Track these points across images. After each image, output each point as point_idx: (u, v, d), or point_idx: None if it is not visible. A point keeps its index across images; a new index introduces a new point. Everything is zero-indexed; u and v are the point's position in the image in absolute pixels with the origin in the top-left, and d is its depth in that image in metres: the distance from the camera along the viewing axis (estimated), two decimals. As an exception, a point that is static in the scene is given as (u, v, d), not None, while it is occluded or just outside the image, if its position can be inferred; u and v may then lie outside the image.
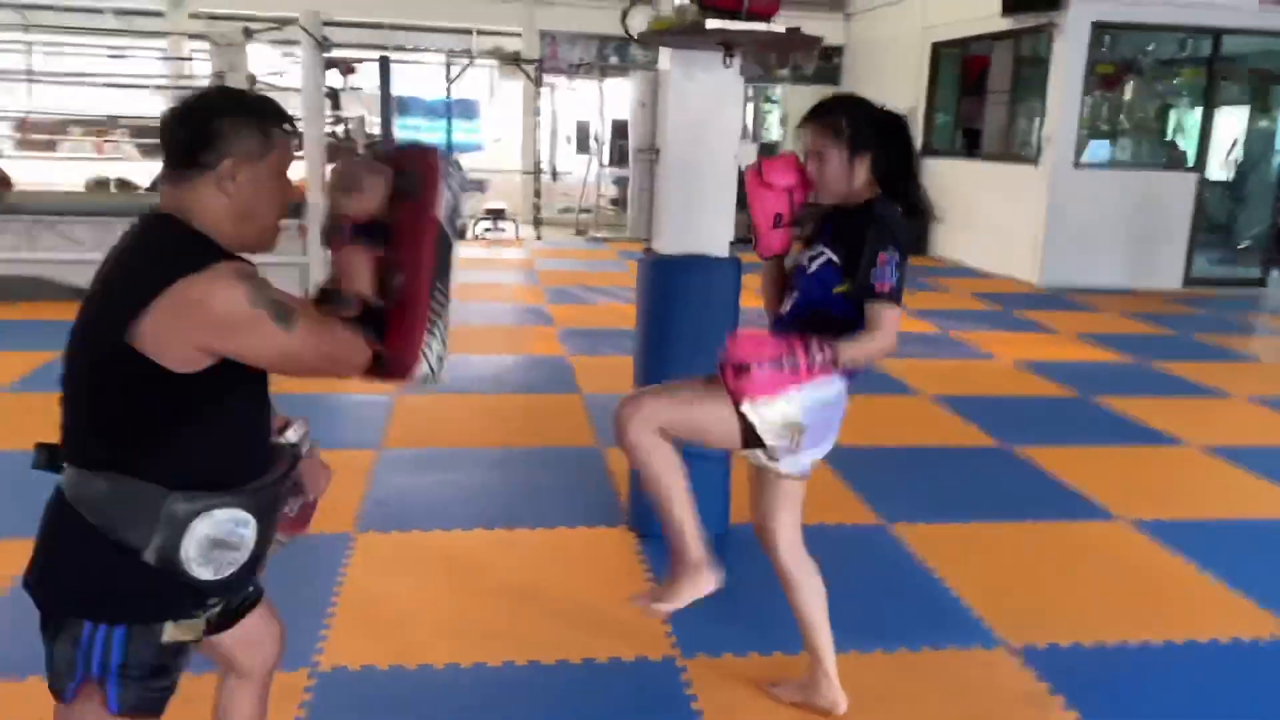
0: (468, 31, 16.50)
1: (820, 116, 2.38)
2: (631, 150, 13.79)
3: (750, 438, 2.32)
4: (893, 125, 2.38)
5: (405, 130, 16.69)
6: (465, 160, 10.52)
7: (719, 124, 3.56)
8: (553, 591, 3.40)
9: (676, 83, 3.51)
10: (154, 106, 13.42)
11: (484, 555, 3.67)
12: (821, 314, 2.35)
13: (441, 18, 15.61)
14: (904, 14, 13.67)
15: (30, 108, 14.93)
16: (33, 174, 9.81)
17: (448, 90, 13.36)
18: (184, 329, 1.54)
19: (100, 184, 8.09)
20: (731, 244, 3.77)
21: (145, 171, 8.98)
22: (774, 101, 21.65)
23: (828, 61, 16.73)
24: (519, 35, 15.56)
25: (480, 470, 4.49)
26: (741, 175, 2.45)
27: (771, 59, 3.58)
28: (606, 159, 14.96)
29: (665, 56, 3.58)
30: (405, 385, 1.74)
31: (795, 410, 2.31)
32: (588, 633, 3.12)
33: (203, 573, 1.63)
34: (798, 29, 2.99)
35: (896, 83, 13.81)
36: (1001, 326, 8.30)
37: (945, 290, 10.07)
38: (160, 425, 1.61)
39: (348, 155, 1.64)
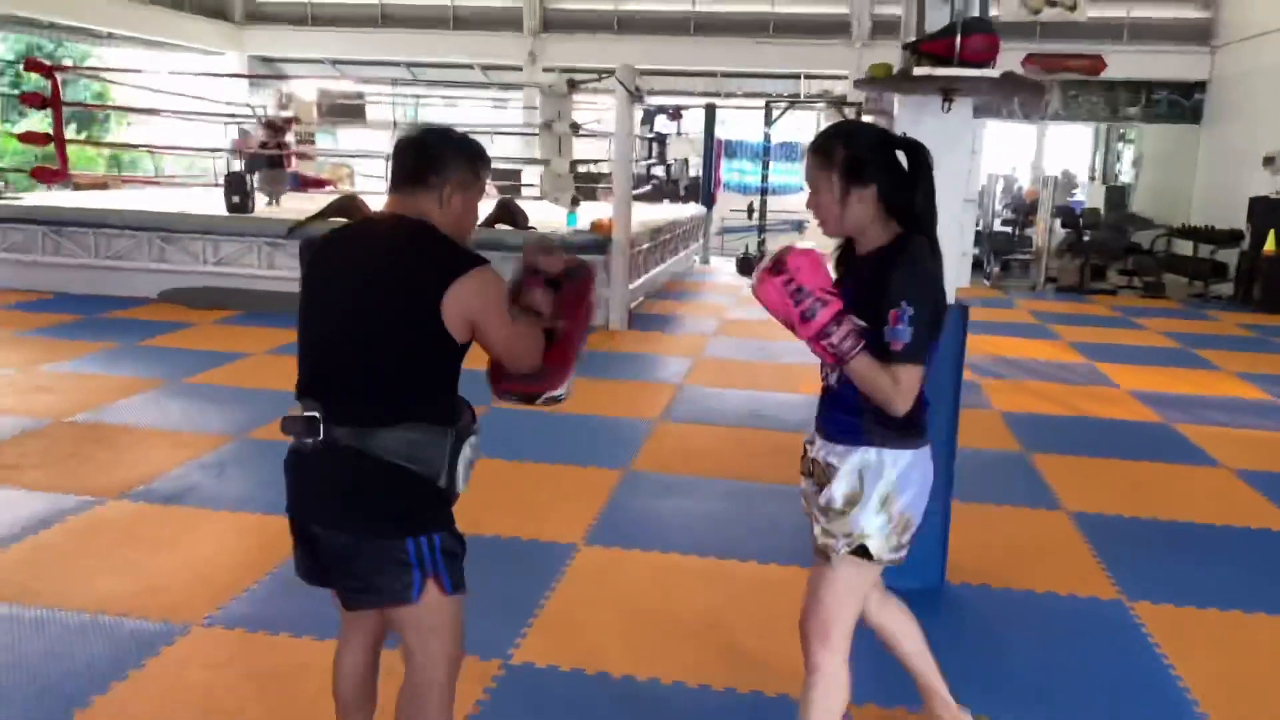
0: (797, 76, 16.87)
1: (815, 145, 2.16)
2: None
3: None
4: (899, 151, 2.14)
5: (730, 172, 17.31)
6: (785, 201, 11.00)
7: (946, 168, 3.50)
8: (742, 623, 3.48)
9: (904, 126, 3.50)
10: (508, 150, 14.97)
11: (690, 580, 3.81)
12: None
13: (771, 64, 16.09)
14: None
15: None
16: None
17: (765, 134, 13.71)
18: (467, 306, 2.03)
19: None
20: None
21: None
22: (1129, 141, 20.07)
23: (1188, 98, 15.33)
24: (846, 78, 15.68)
25: (712, 500, 4.65)
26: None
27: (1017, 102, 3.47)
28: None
29: (897, 101, 3.59)
30: (541, 396, 2.30)
31: (916, 517, 2.23)
32: (764, 667, 3.17)
33: (462, 487, 2.16)
34: (1013, 74, 2.91)
35: (1269, 120, 12.39)
36: (1356, 399, 7.21)
37: (1294, 353, 8.89)
38: (444, 380, 2.12)
39: (540, 238, 2.23)
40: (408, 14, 16.66)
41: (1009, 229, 16.00)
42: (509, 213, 9.03)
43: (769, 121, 13.86)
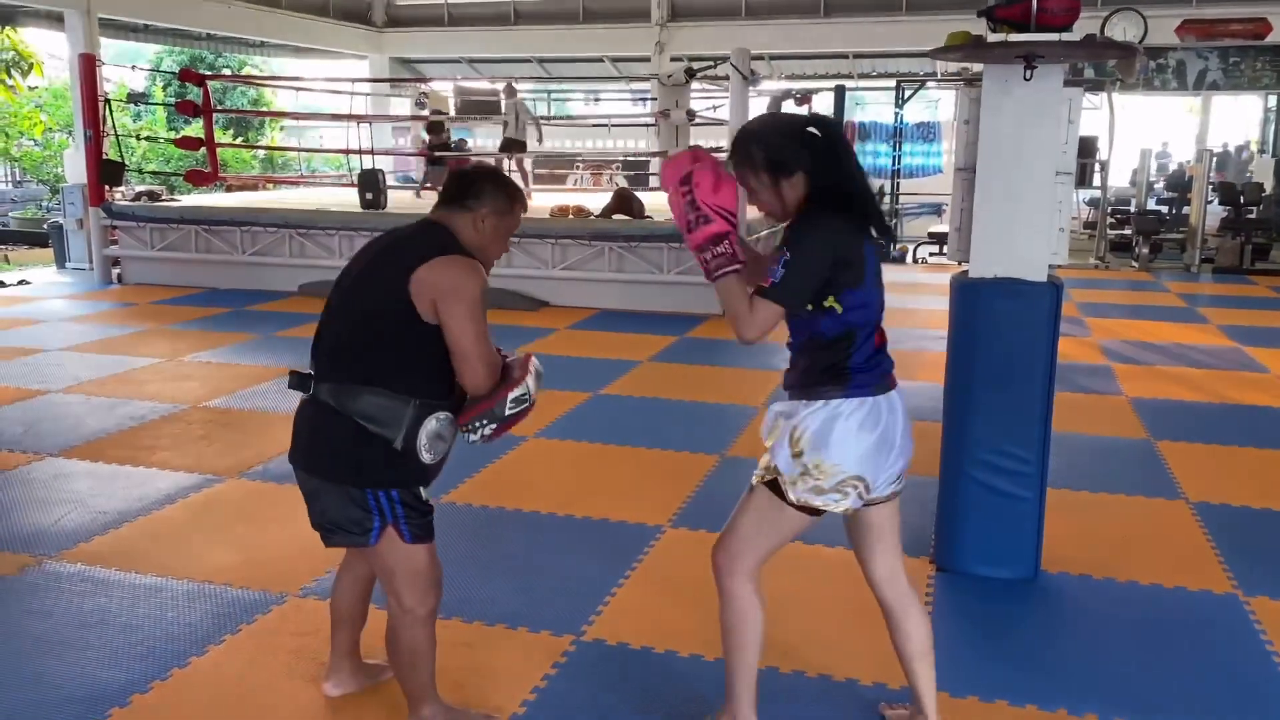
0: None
1: (734, 155, 2.30)
2: (954, 168, 12.76)
3: (816, 512, 2.35)
4: (815, 134, 2.25)
5: (863, 156, 16.93)
6: (922, 183, 11.03)
7: (1035, 139, 3.36)
8: (818, 607, 3.43)
9: (990, 97, 3.37)
10: (640, 143, 15.10)
11: (774, 563, 3.73)
12: (807, 337, 2.30)
13: (904, 43, 15.64)
14: None
15: (547, 149, 17.47)
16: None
17: (897, 114, 13.36)
18: (433, 285, 2.23)
19: (561, 211, 9.34)
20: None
21: (598, 200, 10.15)
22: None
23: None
24: (984, 55, 15.09)
25: (807, 485, 4.58)
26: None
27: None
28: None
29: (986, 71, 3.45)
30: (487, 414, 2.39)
31: (841, 465, 2.27)
32: (835, 651, 3.12)
33: (426, 457, 2.33)
34: (1093, 37, 2.75)
35: None
36: None
37: None
38: (414, 356, 2.30)
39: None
40: (539, 10, 16.98)
41: (1165, 208, 15.10)
42: (625, 201, 9.11)
43: (900, 101, 13.51)
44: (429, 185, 11.66)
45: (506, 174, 2.50)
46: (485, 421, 2.36)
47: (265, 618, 3.29)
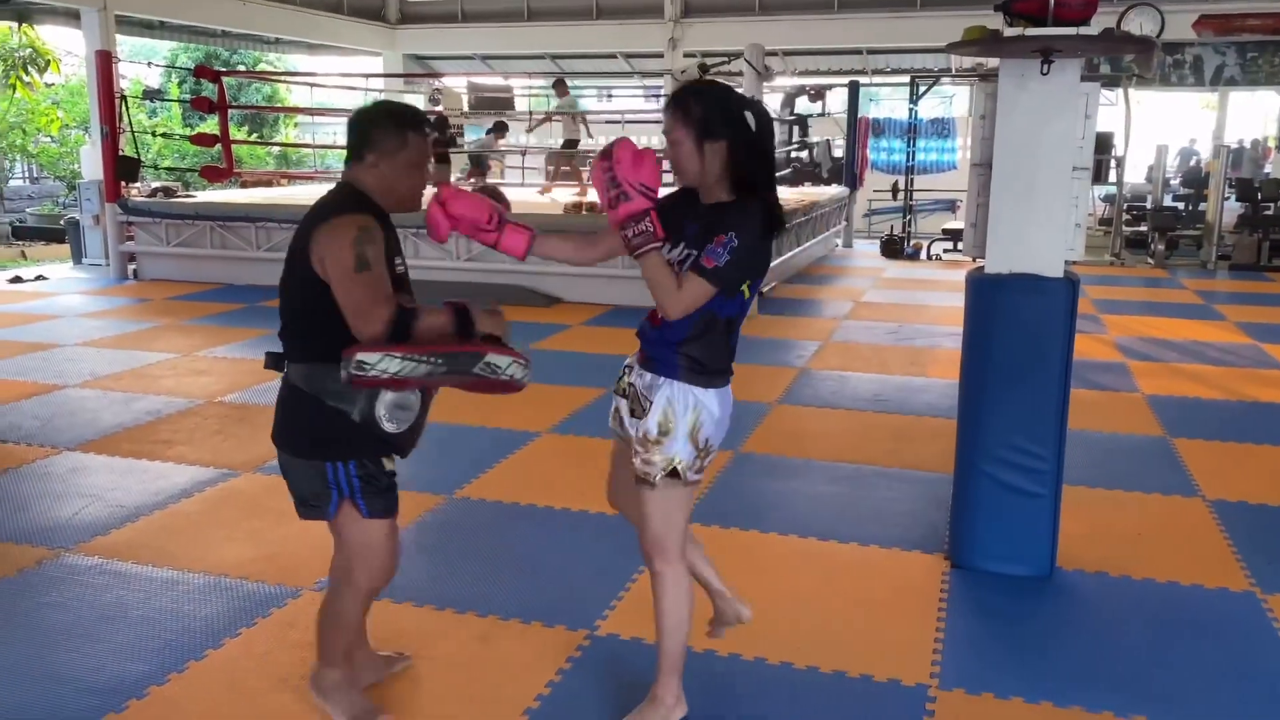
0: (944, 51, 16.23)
1: (672, 104, 2.34)
2: (969, 164, 12.69)
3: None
4: (747, 114, 2.31)
5: (879, 151, 16.86)
6: (937, 180, 10.92)
7: (1052, 134, 3.34)
8: (833, 603, 3.43)
9: (1006, 91, 3.35)
10: (654, 139, 15.08)
11: (785, 560, 3.78)
12: (702, 318, 2.32)
13: (919, 38, 15.55)
14: None
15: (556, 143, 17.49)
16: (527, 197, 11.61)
17: (911, 110, 13.30)
18: (318, 250, 2.27)
19: (575, 207, 9.34)
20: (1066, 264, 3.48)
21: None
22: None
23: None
24: (999, 50, 14.99)
25: (822, 483, 4.57)
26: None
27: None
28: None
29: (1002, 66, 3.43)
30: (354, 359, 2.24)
31: (716, 442, 2.46)
32: (852, 646, 3.12)
33: (389, 427, 2.36)
34: (1111, 31, 2.74)
35: None
36: None
37: None
38: (343, 326, 2.25)
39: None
40: (552, 6, 16.96)
41: (1182, 204, 14.99)
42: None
43: (914, 97, 13.45)
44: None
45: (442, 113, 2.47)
46: (348, 366, 2.19)
47: (281, 611, 3.31)
